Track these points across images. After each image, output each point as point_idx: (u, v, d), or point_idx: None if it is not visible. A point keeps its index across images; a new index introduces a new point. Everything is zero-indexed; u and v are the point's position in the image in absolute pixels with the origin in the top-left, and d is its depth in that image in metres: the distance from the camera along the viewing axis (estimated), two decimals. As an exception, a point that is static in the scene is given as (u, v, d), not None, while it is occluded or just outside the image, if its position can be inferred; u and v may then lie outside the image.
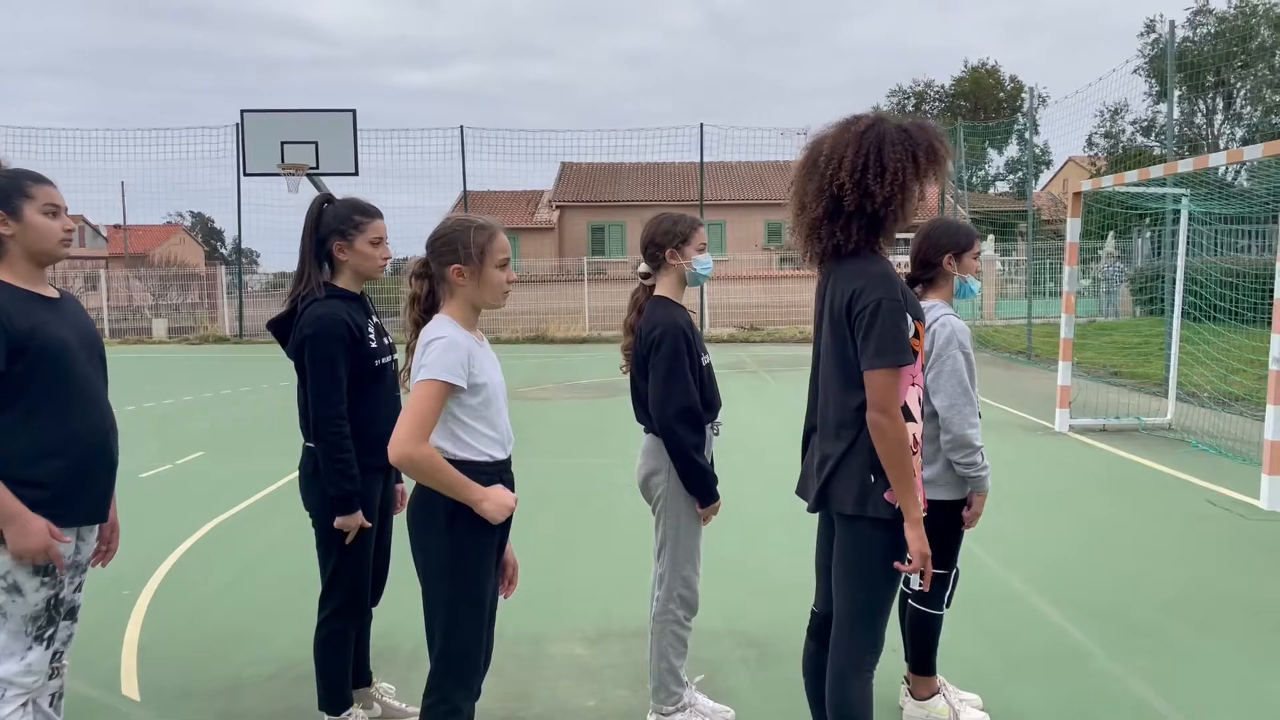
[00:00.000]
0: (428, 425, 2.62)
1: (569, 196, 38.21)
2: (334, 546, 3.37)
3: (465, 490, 2.67)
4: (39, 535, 2.68)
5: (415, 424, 2.61)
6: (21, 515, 2.66)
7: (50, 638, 2.83)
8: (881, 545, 2.75)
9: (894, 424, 2.62)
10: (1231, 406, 11.31)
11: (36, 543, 2.68)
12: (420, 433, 2.61)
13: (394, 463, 2.62)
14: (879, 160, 2.68)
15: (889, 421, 2.62)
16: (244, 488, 7.76)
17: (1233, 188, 10.10)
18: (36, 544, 2.68)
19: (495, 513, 2.72)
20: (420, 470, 2.62)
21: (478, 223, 2.83)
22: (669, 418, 3.33)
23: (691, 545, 3.49)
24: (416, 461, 2.60)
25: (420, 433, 2.61)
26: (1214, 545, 6.10)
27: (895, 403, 2.63)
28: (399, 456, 2.60)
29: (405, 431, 2.60)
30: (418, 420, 2.61)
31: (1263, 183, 9.92)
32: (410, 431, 2.60)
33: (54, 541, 2.72)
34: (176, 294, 34.05)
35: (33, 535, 2.67)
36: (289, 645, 4.46)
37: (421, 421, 2.61)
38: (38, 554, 2.69)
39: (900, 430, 2.63)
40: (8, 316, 2.69)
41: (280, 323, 3.40)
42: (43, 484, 2.73)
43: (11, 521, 2.66)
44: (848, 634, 2.81)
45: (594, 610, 4.88)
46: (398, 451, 2.59)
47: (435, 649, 2.80)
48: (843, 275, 2.78)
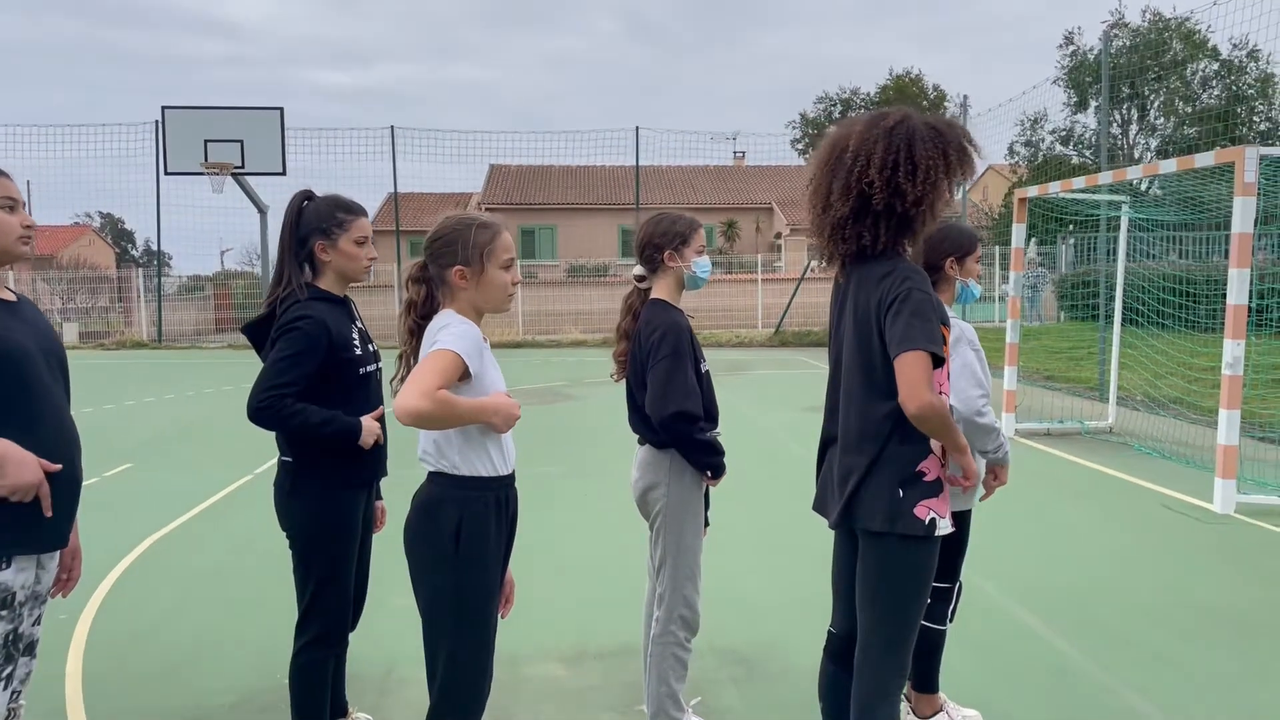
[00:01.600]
0: (433, 389, 2.37)
1: (498, 199, 37.80)
2: (313, 569, 3.14)
3: (481, 413, 2.48)
4: (32, 466, 2.42)
5: (421, 383, 2.36)
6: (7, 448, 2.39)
7: (8, 677, 2.55)
8: (911, 563, 2.63)
9: (932, 405, 2.48)
10: (1163, 410, 11.55)
11: (32, 474, 2.42)
12: (427, 391, 2.35)
13: (406, 422, 2.35)
14: (910, 158, 2.56)
15: (926, 405, 2.47)
16: (179, 502, 7.38)
17: (1146, 196, 10.32)
18: (33, 476, 2.42)
19: (504, 424, 2.55)
20: (435, 417, 2.37)
21: (479, 221, 2.64)
22: (669, 416, 3.12)
23: (693, 562, 3.33)
24: (429, 411, 2.34)
25: (427, 391, 2.35)
26: (1177, 550, 6.14)
27: (929, 384, 2.48)
28: (410, 414, 2.33)
29: (411, 389, 2.35)
30: (423, 380, 2.36)
31: (1173, 193, 10.17)
32: (416, 389, 2.34)
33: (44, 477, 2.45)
34: (86, 297, 32.78)
35: (28, 466, 2.41)
36: (248, 672, 4.19)
37: (428, 384, 2.36)
38: (33, 488, 2.43)
39: (940, 406, 2.50)
40: None
41: (256, 327, 3.16)
42: (2, 505, 2.46)
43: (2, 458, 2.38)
44: (876, 657, 2.68)
45: (567, 629, 4.69)
46: (407, 409, 2.32)
47: (438, 680, 2.60)
48: (868, 276, 2.65)
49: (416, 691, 4.00)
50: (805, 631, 4.59)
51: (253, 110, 19.69)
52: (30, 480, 2.42)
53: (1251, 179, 6.67)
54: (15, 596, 2.52)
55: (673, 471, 3.27)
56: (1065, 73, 36.57)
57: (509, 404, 2.56)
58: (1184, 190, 9.94)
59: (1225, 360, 6.92)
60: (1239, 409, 6.98)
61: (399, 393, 2.38)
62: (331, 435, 3.04)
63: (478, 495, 2.55)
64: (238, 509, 7.18)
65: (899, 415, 2.60)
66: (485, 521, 2.56)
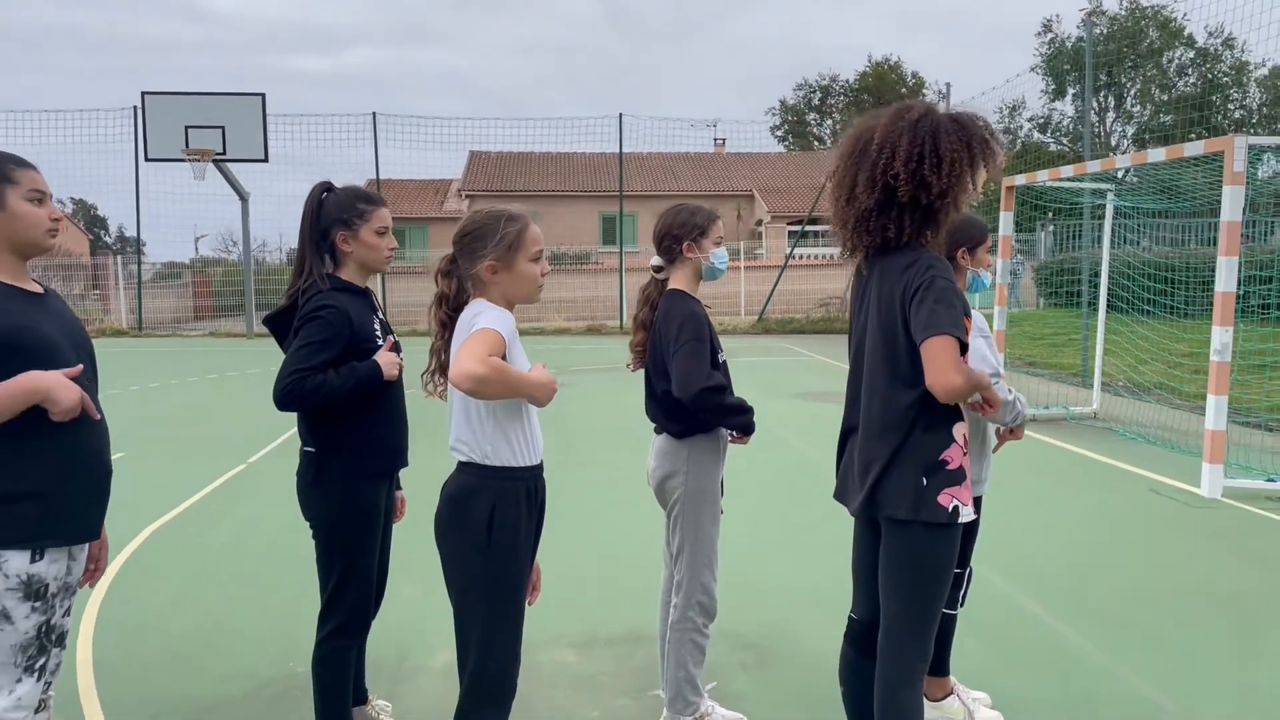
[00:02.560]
0: (486, 355, 2.41)
1: (478, 186, 37.64)
2: (337, 559, 3.15)
3: (528, 385, 2.53)
4: (68, 384, 2.45)
5: (474, 350, 2.40)
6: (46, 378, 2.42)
7: (41, 668, 2.57)
8: (935, 550, 2.68)
9: (960, 388, 2.51)
10: (1146, 395, 11.70)
11: (73, 391, 2.45)
12: (482, 356, 2.39)
13: (465, 387, 2.38)
14: (935, 151, 2.60)
15: (955, 389, 2.51)
16: (176, 491, 7.35)
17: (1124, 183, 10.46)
18: (75, 392, 2.45)
19: (545, 398, 2.58)
20: (490, 381, 2.39)
21: (509, 213, 2.66)
22: (698, 394, 3.15)
23: (710, 550, 3.37)
24: (485, 374, 2.37)
25: (482, 356, 2.39)
26: (1167, 534, 6.25)
27: (956, 368, 2.51)
28: (468, 377, 2.36)
29: (466, 357, 2.39)
30: (475, 348, 2.41)
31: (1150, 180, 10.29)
32: (471, 355, 2.39)
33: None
34: (60, 285, 32.42)
35: (66, 385, 2.44)
36: (258, 661, 4.21)
37: (480, 350, 2.40)
38: (79, 403, 2.45)
39: (970, 379, 2.54)
40: None
41: (278, 318, 3.17)
42: (34, 497, 2.47)
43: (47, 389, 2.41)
44: (900, 644, 2.72)
45: (575, 615, 4.72)
46: (465, 373, 2.36)
47: (469, 669, 2.62)
48: (891, 267, 2.69)
49: (429, 678, 4.04)
50: (810, 616, 4.65)
51: (234, 96, 19.51)
52: (75, 398, 2.46)
53: (1240, 168, 6.76)
54: (48, 588, 2.53)
55: (690, 460, 3.31)
56: (1044, 60, 36.78)
57: (549, 378, 2.60)
58: (1161, 178, 10.06)
59: (1214, 347, 7.03)
60: (1227, 395, 7.10)
61: (453, 362, 2.41)
62: (357, 386, 3.04)
63: (509, 485, 2.58)
64: (235, 498, 7.17)
65: (922, 404, 2.65)
66: (516, 511, 2.59)
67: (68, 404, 2.43)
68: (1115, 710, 3.75)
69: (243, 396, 13.05)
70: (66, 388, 2.44)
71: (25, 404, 2.40)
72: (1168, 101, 36.42)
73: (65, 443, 2.53)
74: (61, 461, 2.52)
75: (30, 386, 2.40)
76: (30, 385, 2.40)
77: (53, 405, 2.42)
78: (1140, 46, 36.13)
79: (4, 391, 2.37)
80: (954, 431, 2.69)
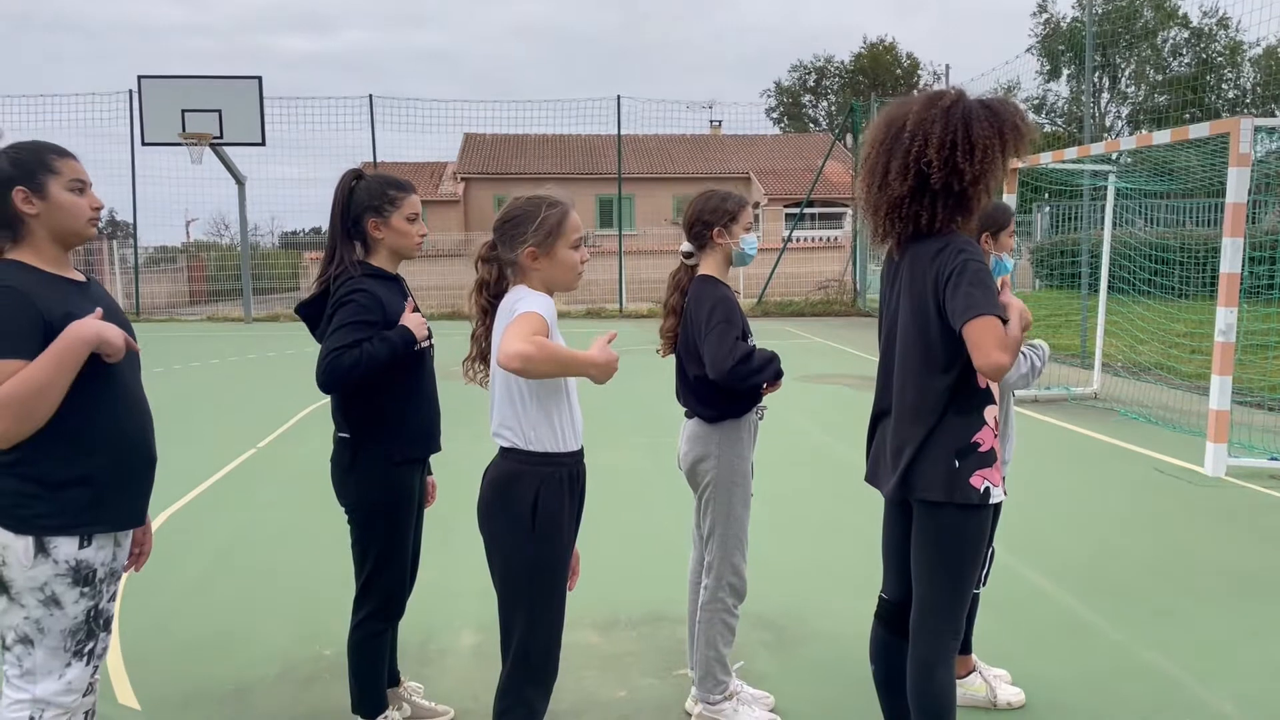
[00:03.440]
0: (531, 334, 2.42)
1: (474, 168, 37.58)
2: (373, 546, 3.19)
3: (578, 363, 2.52)
4: (109, 326, 2.48)
5: (520, 330, 2.42)
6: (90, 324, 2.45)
7: (90, 652, 2.60)
8: (968, 531, 2.72)
9: (1004, 365, 2.49)
10: (1145, 376, 11.78)
11: (116, 332, 2.49)
12: (527, 335, 2.41)
13: (512, 366, 2.39)
14: (967, 137, 2.63)
15: (1005, 360, 2.49)
16: (188, 476, 7.38)
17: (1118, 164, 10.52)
18: (117, 333, 2.49)
19: (603, 375, 2.57)
20: (538, 359, 2.39)
21: (549, 200, 2.69)
22: (729, 371, 3.18)
23: (741, 532, 3.42)
24: (532, 353, 2.38)
25: (527, 335, 2.41)
26: (1173, 512, 6.32)
27: (1000, 343, 2.50)
28: (516, 356, 2.36)
29: (512, 337, 2.40)
30: (521, 328, 2.43)
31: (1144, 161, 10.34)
32: (517, 335, 2.40)
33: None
34: (54, 269, 32.23)
35: (110, 328, 2.48)
36: (286, 644, 4.25)
37: (525, 330, 2.42)
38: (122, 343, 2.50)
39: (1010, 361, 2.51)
40: (42, 302, 2.44)
41: (311, 306, 3.20)
42: (84, 483, 2.50)
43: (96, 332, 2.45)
44: (933, 623, 2.77)
45: (596, 597, 4.76)
46: (512, 352, 2.37)
47: (512, 650, 2.66)
48: (923, 253, 2.73)
49: (454, 660, 4.10)
50: (824, 598, 4.72)
51: (230, 80, 19.43)
52: (121, 334, 2.50)
53: (1246, 149, 6.80)
54: (96, 573, 2.57)
55: (722, 444, 3.36)
56: (1039, 41, 36.75)
57: (610, 355, 2.57)
58: (1156, 159, 10.10)
59: (1218, 328, 7.09)
60: (1231, 375, 7.16)
61: (499, 346, 2.42)
62: (392, 353, 3.06)
63: (551, 470, 2.62)
64: (248, 482, 7.20)
65: (955, 388, 2.69)
66: (560, 496, 2.63)
67: (118, 340, 2.48)
68: (1134, 685, 3.81)
69: (247, 381, 13.06)
70: (109, 327, 2.48)
71: (85, 354, 2.43)
72: (1162, 82, 36.45)
73: (112, 429, 2.56)
74: (108, 448, 2.55)
75: (82, 336, 2.42)
76: (81, 335, 2.42)
77: (107, 346, 2.46)
78: (1135, 27, 36.14)
79: (61, 349, 2.40)
80: (985, 414, 2.73)
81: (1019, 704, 3.65)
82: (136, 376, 2.70)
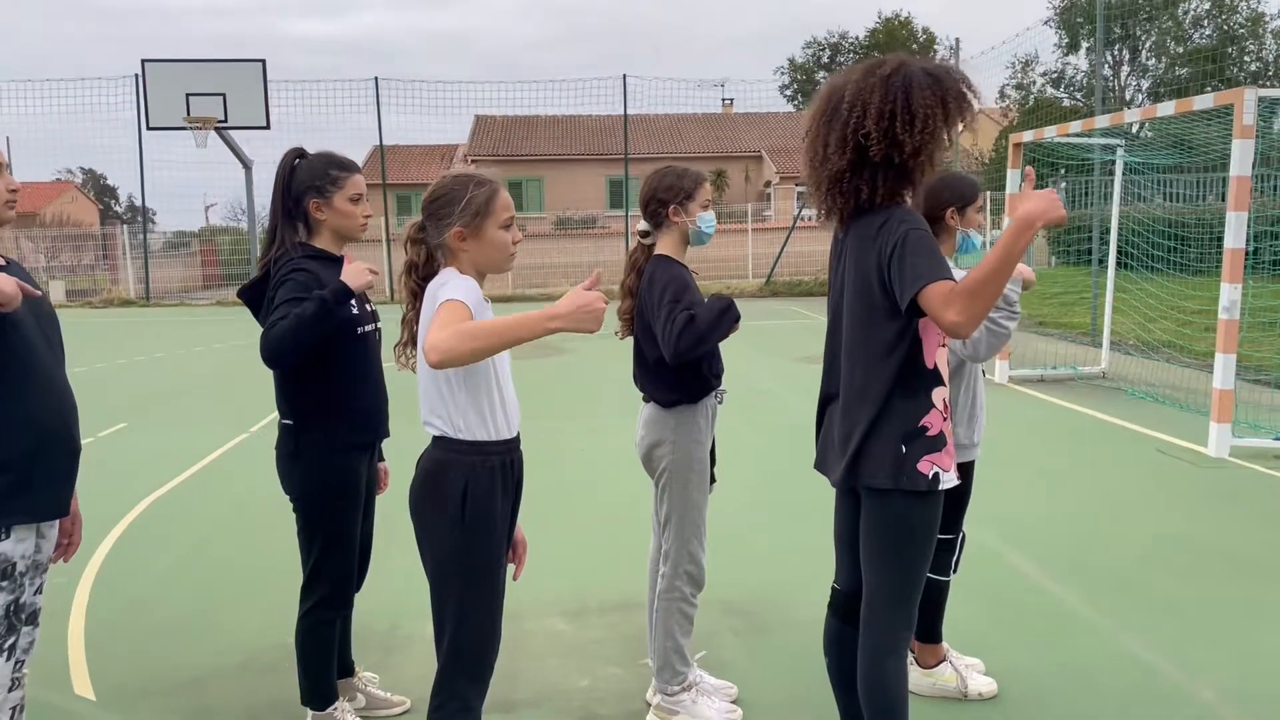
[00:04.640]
0: (455, 323, 2.28)
1: (484, 150, 37.40)
2: (318, 534, 3.12)
3: (527, 328, 2.28)
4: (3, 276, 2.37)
5: (443, 322, 2.29)
6: None
7: (11, 647, 2.54)
8: (916, 518, 2.61)
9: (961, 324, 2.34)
10: (1155, 354, 11.58)
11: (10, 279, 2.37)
12: (449, 323, 2.27)
13: (438, 363, 2.24)
14: (907, 107, 2.50)
15: (966, 316, 2.33)
16: (175, 462, 7.35)
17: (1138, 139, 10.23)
18: (12, 280, 2.37)
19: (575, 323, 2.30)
20: (461, 350, 2.23)
21: (477, 178, 2.58)
22: (680, 352, 3.04)
23: (698, 520, 3.32)
24: (453, 345, 2.22)
25: (449, 323, 2.27)
26: (1172, 494, 6.18)
27: (955, 300, 2.34)
28: (433, 351, 2.22)
29: (437, 329, 2.27)
30: (444, 319, 2.29)
31: (1164, 135, 10.10)
32: (435, 327, 2.27)
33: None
34: (70, 255, 32.45)
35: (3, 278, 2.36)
36: (250, 634, 4.19)
37: (448, 320, 2.28)
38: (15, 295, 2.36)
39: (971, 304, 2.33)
40: None
41: (253, 290, 3.11)
42: None
43: None
44: (883, 613, 2.67)
45: (566, 584, 4.70)
46: (429, 345, 2.23)
47: (445, 644, 2.58)
48: (866, 228, 2.60)
49: (421, 647, 4.02)
50: (802, 583, 4.61)
51: (234, 63, 19.34)
52: (13, 282, 2.37)
53: (1250, 121, 6.61)
54: (16, 567, 2.50)
55: (678, 429, 3.25)
56: (1057, 13, 36.18)
57: (581, 300, 2.32)
58: (1174, 132, 9.88)
59: (1222, 304, 6.92)
60: (1235, 353, 7.00)
61: (426, 338, 2.29)
62: (322, 308, 2.91)
63: (482, 460, 2.52)
64: (235, 467, 7.17)
65: (900, 370, 2.57)
66: (491, 486, 2.53)
67: (10, 288, 2.35)
68: (1111, 676, 3.70)
69: (248, 365, 13.03)
70: (3, 279, 2.35)
71: None
72: (1183, 54, 35.81)
73: (27, 416, 2.48)
74: (24, 436, 2.47)
75: None
76: None
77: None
78: (1155, -1, 35.50)
79: None
80: (933, 397, 2.61)
81: (990, 694, 3.54)
82: (59, 363, 2.63)
